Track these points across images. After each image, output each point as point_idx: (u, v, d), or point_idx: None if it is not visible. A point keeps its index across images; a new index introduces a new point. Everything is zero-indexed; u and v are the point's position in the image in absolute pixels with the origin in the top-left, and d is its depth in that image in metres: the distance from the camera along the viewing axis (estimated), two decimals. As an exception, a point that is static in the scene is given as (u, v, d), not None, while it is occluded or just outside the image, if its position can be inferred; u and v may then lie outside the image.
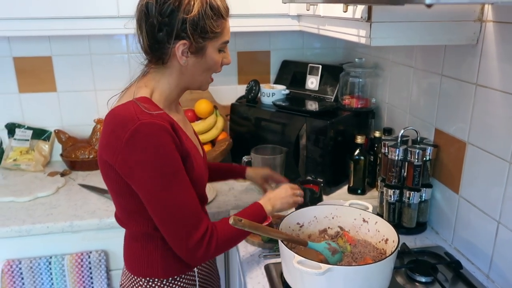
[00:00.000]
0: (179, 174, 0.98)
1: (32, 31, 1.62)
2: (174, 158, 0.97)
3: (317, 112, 1.69)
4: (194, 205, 1.01)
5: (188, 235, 0.99)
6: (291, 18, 1.76)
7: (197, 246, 1.00)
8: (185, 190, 1.00)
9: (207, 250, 1.01)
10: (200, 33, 1.00)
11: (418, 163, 1.32)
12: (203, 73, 1.08)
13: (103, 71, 2.02)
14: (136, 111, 0.96)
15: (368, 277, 0.97)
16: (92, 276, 1.56)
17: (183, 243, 1.00)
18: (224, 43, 1.07)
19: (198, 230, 1.00)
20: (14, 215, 1.56)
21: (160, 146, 0.95)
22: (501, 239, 1.12)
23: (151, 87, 1.05)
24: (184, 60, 1.02)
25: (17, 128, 2.01)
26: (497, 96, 1.10)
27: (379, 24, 1.06)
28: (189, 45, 1.00)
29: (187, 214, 0.99)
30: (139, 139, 0.93)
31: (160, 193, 0.97)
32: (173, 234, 1.00)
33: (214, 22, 1.01)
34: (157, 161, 0.95)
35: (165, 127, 0.95)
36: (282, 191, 1.24)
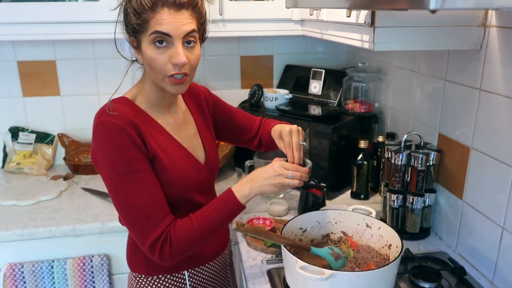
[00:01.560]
0: (134, 173, 0.97)
1: (36, 35, 1.63)
2: (129, 157, 0.97)
3: (320, 117, 1.69)
4: (152, 206, 0.98)
5: (144, 235, 0.98)
6: (294, 23, 1.76)
7: (152, 248, 0.99)
8: (141, 190, 0.98)
9: (162, 253, 0.99)
10: (131, 27, 0.99)
11: (421, 168, 1.31)
12: (151, 72, 1.01)
13: (106, 75, 2.03)
14: (101, 110, 1.00)
15: (371, 282, 0.96)
16: (94, 280, 1.56)
17: (142, 242, 1.00)
18: (151, 34, 0.96)
19: (154, 232, 0.98)
20: (16, 218, 1.56)
21: (113, 144, 0.96)
22: (506, 245, 1.11)
23: (137, 88, 1.09)
24: (138, 57, 1.04)
25: (20, 131, 2.01)
26: (501, 101, 1.09)
27: (382, 29, 1.06)
28: (134, 42, 1.02)
29: (142, 214, 0.97)
30: (96, 137, 0.98)
31: (116, 191, 0.98)
32: (134, 233, 1.01)
33: (134, 15, 0.96)
34: (110, 159, 0.97)
35: (121, 126, 0.96)
36: (268, 169, 1.06)
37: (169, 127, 1.10)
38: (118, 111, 0.99)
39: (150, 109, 1.08)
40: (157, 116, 1.08)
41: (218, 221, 1.02)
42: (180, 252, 1.01)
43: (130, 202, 0.97)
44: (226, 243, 1.28)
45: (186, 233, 1.00)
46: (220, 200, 1.04)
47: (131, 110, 1.03)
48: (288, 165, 1.07)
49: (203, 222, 1.02)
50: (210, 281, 1.22)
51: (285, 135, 1.17)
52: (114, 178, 0.97)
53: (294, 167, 1.07)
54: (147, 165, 1.00)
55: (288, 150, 1.16)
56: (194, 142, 1.17)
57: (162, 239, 0.98)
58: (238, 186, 1.05)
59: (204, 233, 1.02)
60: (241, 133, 1.35)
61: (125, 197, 0.97)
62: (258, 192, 1.05)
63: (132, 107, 1.04)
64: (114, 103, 1.02)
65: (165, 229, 0.99)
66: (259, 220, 1.43)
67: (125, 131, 0.96)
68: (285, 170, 1.05)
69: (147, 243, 0.98)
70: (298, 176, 1.06)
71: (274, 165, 1.06)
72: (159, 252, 0.99)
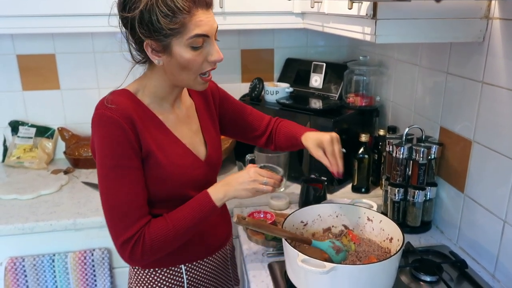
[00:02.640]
0: (121, 169, 0.98)
1: (36, 28, 1.62)
2: (119, 152, 0.97)
3: (321, 110, 1.68)
4: (130, 205, 0.98)
5: (118, 233, 0.99)
6: (295, 16, 1.75)
7: (124, 247, 0.99)
8: (124, 187, 0.98)
9: (133, 253, 0.99)
10: (157, 32, 0.94)
11: (423, 162, 1.31)
12: (182, 72, 1.00)
13: (106, 69, 2.02)
14: (100, 102, 1.00)
15: (373, 276, 0.96)
16: (96, 274, 1.56)
17: (114, 239, 1.00)
18: (191, 37, 0.95)
19: (128, 231, 0.98)
20: (17, 212, 1.56)
21: (105, 137, 0.97)
22: (507, 238, 1.11)
23: (141, 82, 1.07)
24: (157, 59, 0.99)
25: (20, 125, 2.01)
26: (503, 94, 1.08)
27: (384, 21, 1.05)
28: (155, 45, 0.96)
29: (120, 211, 0.98)
30: (94, 129, 1.00)
31: (101, 183, 0.99)
32: (109, 228, 1.00)
33: (168, 18, 0.92)
34: (101, 151, 0.98)
35: (115, 119, 0.96)
36: (243, 175, 1.07)
37: (169, 123, 1.09)
38: (117, 104, 0.98)
39: (153, 103, 1.07)
40: (158, 111, 1.07)
41: (192, 222, 1.03)
42: (153, 252, 1.00)
43: (111, 197, 0.98)
44: (226, 239, 1.26)
45: (160, 233, 1.00)
46: (196, 202, 1.05)
47: (131, 104, 1.02)
48: (263, 172, 1.08)
49: (178, 223, 1.02)
50: (209, 276, 1.21)
51: (327, 144, 1.18)
52: (102, 170, 0.99)
53: (269, 174, 1.08)
54: (136, 163, 1.00)
55: (332, 158, 1.18)
56: (195, 138, 1.16)
57: (135, 239, 0.98)
58: (213, 189, 1.07)
59: (179, 233, 1.02)
60: (248, 130, 1.35)
61: (108, 191, 0.98)
62: (232, 196, 1.07)
63: (132, 100, 1.03)
64: (114, 95, 1.02)
65: (139, 229, 0.99)
66: (260, 213, 1.43)
67: (120, 126, 0.96)
68: (260, 176, 1.07)
69: (119, 241, 0.98)
70: (272, 183, 1.07)
71: (249, 171, 1.07)
72: (129, 251, 0.98)
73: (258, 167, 1.10)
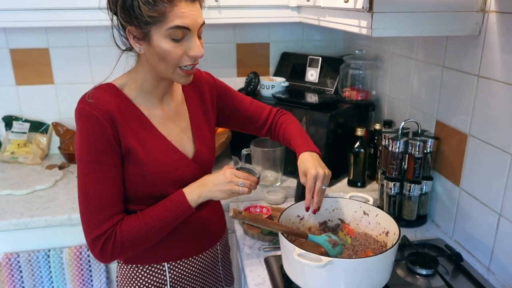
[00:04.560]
0: (97, 165, 0.97)
1: (29, 22, 1.60)
2: (95, 147, 0.97)
3: (317, 105, 1.68)
4: (104, 201, 0.98)
5: (89, 228, 0.98)
6: (291, 10, 1.74)
7: (94, 243, 0.98)
8: (99, 183, 0.97)
9: (103, 251, 0.99)
10: (137, 19, 0.92)
11: (419, 156, 1.31)
12: (160, 63, 0.98)
13: (100, 64, 2.00)
14: (82, 97, 1.00)
15: (369, 269, 0.96)
16: (91, 269, 1.56)
17: (86, 234, 0.99)
18: (171, 28, 0.93)
19: (99, 227, 0.98)
20: (12, 208, 1.55)
21: (84, 131, 0.97)
22: (502, 232, 1.11)
23: (129, 75, 1.06)
24: (138, 47, 0.98)
25: (14, 120, 1.99)
26: (499, 88, 1.09)
27: (380, 14, 1.05)
28: (136, 32, 0.95)
29: (93, 207, 0.98)
30: (76, 123, 0.99)
31: (78, 178, 0.99)
32: (82, 222, 1.00)
33: (147, 4, 0.90)
34: (79, 145, 0.98)
35: (94, 115, 0.96)
36: (219, 176, 1.06)
37: (155, 119, 1.06)
38: (97, 99, 0.98)
39: (139, 98, 1.05)
40: (144, 106, 1.05)
41: (166, 221, 1.03)
42: (123, 249, 1.00)
43: (86, 192, 0.98)
44: (217, 239, 1.22)
45: (132, 231, 1.00)
46: (171, 201, 1.04)
47: (114, 98, 1.01)
48: (239, 173, 1.07)
49: (151, 221, 1.01)
50: (195, 275, 1.17)
51: (309, 179, 1.13)
52: (79, 164, 0.99)
53: (245, 176, 1.07)
54: (114, 160, 0.99)
55: (308, 194, 1.13)
56: (183, 135, 1.13)
57: (106, 236, 0.98)
58: (189, 189, 1.06)
59: (150, 232, 1.01)
60: (248, 122, 1.33)
61: (83, 186, 0.98)
62: (207, 197, 1.06)
63: (116, 94, 1.02)
64: (97, 90, 1.01)
65: (111, 227, 0.99)
66: (256, 208, 1.42)
67: (98, 121, 0.96)
68: (236, 178, 1.06)
69: (90, 236, 0.98)
70: (248, 184, 1.07)
71: (225, 173, 1.07)
72: (100, 248, 0.98)
73: (234, 169, 1.09)
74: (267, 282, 1.12)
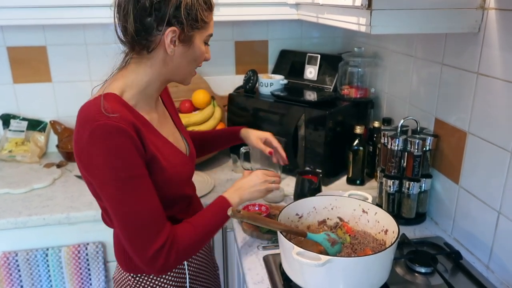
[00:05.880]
0: (136, 179, 0.92)
1: (26, 20, 1.59)
2: (131, 162, 0.91)
3: (316, 102, 1.68)
4: (154, 213, 0.95)
5: (146, 245, 0.94)
6: (290, 7, 1.74)
7: (155, 256, 0.95)
8: (143, 196, 0.94)
9: (167, 261, 0.96)
10: (191, 21, 0.97)
11: (418, 153, 1.31)
12: (189, 64, 1.04)
13: (98, 62, 1.99)
14: (95, 111, 0.90)
15: (368, 268, 0.96)
16: (90, 267, 1.56)
17: (141, 253, 0.94)
18: (209, 35, 1.05)
19: (157, 240, 0.94)
20: (10, 207, 1.54)
21: (115, 149, 0.89)
22: (502, 230, 1.11)
23: (127, 80, 1.00)
24: (172, 49, 0.97)
25: (12, 119, 1.98)
26: (498, 85, 1.08)
27: (379, 11, 1.04)
28: (179, 33, 0.96)
29: (145, 222, 0.94)
30: (95, 141, 0.89)
31: (116, 198, 0.92)
32: (131, 243, 0.95)
33: (205, 11, 0.99)
34: (112, 164, 0.90)
35: (122, 128, 0.89)
36: (252, 178, 1.18)
37: (155, 122, 1.05)
38: (117, 111, 0.91)
39: (139, 103, 1.01)
40: (144, 111, 1.02)
41: (216, 225, 1.07)
42: (185, 257, 1.02)
43: (129, 211, 0.92)
44: None
45: (191, 238, 1.01)
46: (217, 206, 1.10)
47: (126, 109, 0.96)
48: (269, 172, 1.22)
49: (204, 227, 1.04)
50: (206, 266, 1.23)
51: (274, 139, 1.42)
52: (113, 185, 0.91)
53: (274, 173, 1.22)
54: (146, 170, 0.95)
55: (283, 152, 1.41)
56: (176, 135, 1.14)
57: (167, 247, 0.95)
58: (227, 194, 1.13)
59: (206, 237, 1.06)
60: None
61: (124, 206, 0.92)
62: (247, 198, 1.16)
63: (125, 105, 0.97)
64: (109, 102, 0.93)
65: (168, 237, 0.96)
66: (255, 206, 1.42)
67: (128, 134, 0.90)
68: (268, 177, 1.20)
69: (148, 254, 0.94)
70: (278, 181, 1.24)
71: (258, 174, 1.20)
72: (163, 260, 0.95)
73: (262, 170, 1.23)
74: (266, 280, 1.12)
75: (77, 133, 0.92)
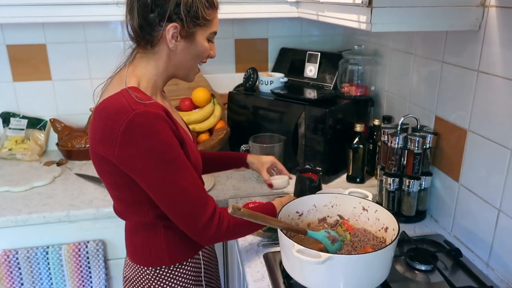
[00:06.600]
0: (179, 159, 0.98)
1: (26, 17, 1.59)
2: (173, 144, 0.96)
3: (316, 100, 1.67)
4: (198, 187, 1.01)
5: (197, 215, 0.99)
6: (290, 5, 1.73)
7: (207, 225, 1.00)
8: (187, 173, 0.99)
9: (218, 230, 1.02)
10: (192, 18, 0.99)
11: (418, 151, 1.31)
12: (191, 60, 1.07)
13: (98, 59, 1.99)
14: (129, 101, 0.93)
15: (368, 265, 0.96)
16: (90, 265, 1.56)
17: (193, 224, 1.00)
18: (212, 33, 1.07)
19: (206, 210, 1.00)
20: (10, 205, 1.54)
21: (158, 134, 0.93)
22: (502, 227, 1.11)
23: (138, 74, 1.03)
24: (173, 44, 1.01)
25: (12, 117, 1.98)
26: (499, 83, 1.08)
27: (380, 9, 1.04)
28: (180, 29, 1.00)
29: (193, 196, 0.99)
30: (135, 130, 0.92)
31: (165, 180, 0.96)
32: (183, 217, 1.00)
33: (206, 9, 1.01)
34: (156, 149, 0.94)
35: (160, 114, 0.94)
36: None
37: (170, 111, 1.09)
38: (148, 99, 0.97)
39: (153, 95, 1.06)
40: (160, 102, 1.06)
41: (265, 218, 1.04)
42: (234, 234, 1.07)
43: (181, 188, 0.97)
44: None
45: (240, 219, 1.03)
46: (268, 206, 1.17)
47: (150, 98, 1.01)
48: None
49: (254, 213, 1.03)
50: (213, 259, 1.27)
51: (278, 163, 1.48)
52: (164, 168, 0.95)
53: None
54: (181, 149, 1.00)
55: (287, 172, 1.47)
56: (185, 125, 1.19)
57: (218, 215, 1.02)
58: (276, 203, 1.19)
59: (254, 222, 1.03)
60: None
61: (177, 183, 0.97)
62: None
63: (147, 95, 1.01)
64: (136, 91, 0.98)
65: (215, 208, 1.02)
66: (255, 204, 1.42)
67: (165, 119, 0.95)
68: None
69: (202, 222, 0.99)
70: None
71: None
72: (216, 226, 1.01)
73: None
74: (266, 278, 1.12)
75: (105, 129, 0.94)
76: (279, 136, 1.66)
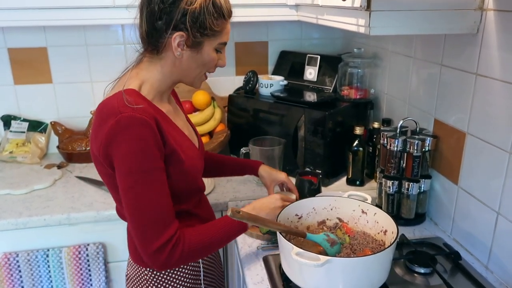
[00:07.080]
0: (154, 172, 0.95)
1: (27, 21, 1.60)
2: (152, 155, 0.94)
3: (316, 103, 1.68)
4: (164, 208, 0.97)
5: (151, 238, 0.95)
6: (290, 8, 1.74)
7: (158, 252, 0.95)
8: (158, 190, 0.96)
9: (169, 258, 0.96)
10: (198, 28, 0.99)
11: (417, 154, 1.31)
12: (197, 69, 1.07)
13: (99, 62, 2.00)
14: (119, 104, 0.94)
15: (367, 268, 0.96)
16: (90, 268, 1.56)
17: (145, 245, 0.96)
18: (221, 44, 1.07)
19: (162, 235, 0.95)
20: (10, 207, 1.55)
21: (139, 140, 0.92)
22: (501, 230, 1.11)
23: (142, 77, 1.04)
24: (179, 52, 1.01)
25: (13, 120, 1.99)
26: (497, 86, 1.08)
27: (378, 13, 1.04)
28: (186, 38, 1.00)
29: (156, 216, 0.95)
30: (118, 132, 0.92)
31: (131, 189, 0.94)
32: (138, 234, 0.96)
33: (215, 20, 1.01)
34: (133, 156, 0.93)
35: (145, 121, 0.92)
36: (271, 200, 1.17)
37: (171, 116, 1.09)
38: (139, 104, 0.95)
39: (155, 98, 1.06)
40: (160, 105, 1.07)
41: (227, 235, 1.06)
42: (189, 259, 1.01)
43: (142, 203, 0.94)
44: None
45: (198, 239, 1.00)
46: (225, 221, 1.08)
47: (146, 103, 0.99)
48: (285, 197, 1.20)
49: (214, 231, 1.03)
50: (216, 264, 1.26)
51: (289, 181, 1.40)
52: (133, 176, 0.93)
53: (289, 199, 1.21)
54: (162, 163, 0.98)
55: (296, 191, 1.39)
56: (189, 128, 1.19)
57: (173, 243, 0.96)
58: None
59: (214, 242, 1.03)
60: None
61: (136, 197, 0.94)
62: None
63: (144, 99, 1.01)
64: (130, 95, 0.97)
65: (175, 233, 0.97)
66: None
67: (150, 127, 0.93)
68: (285, 203, 1.18)
69: (153, 247, 0.95)
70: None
71: (277, 199, 1.18)
72: (167, 255, 0.95)
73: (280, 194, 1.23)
74: (265, 281, 1.12)
75: (99, 127, 0.95)
76: (279, 139, 1.67)
